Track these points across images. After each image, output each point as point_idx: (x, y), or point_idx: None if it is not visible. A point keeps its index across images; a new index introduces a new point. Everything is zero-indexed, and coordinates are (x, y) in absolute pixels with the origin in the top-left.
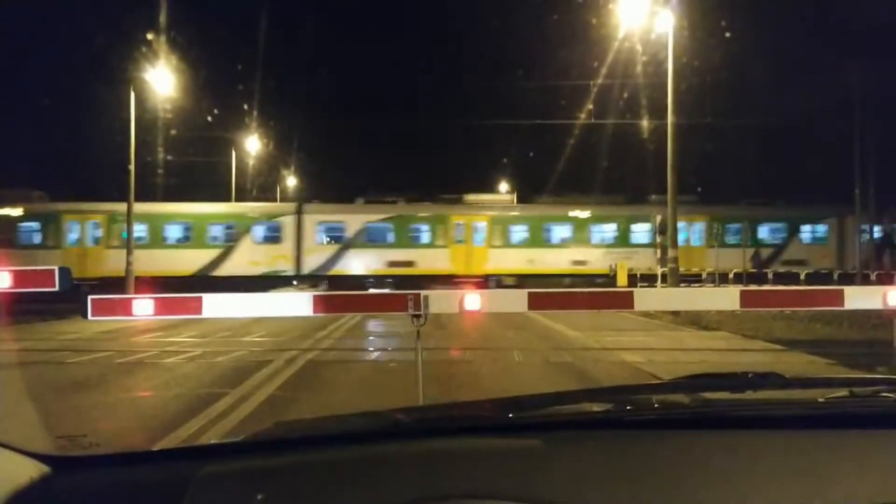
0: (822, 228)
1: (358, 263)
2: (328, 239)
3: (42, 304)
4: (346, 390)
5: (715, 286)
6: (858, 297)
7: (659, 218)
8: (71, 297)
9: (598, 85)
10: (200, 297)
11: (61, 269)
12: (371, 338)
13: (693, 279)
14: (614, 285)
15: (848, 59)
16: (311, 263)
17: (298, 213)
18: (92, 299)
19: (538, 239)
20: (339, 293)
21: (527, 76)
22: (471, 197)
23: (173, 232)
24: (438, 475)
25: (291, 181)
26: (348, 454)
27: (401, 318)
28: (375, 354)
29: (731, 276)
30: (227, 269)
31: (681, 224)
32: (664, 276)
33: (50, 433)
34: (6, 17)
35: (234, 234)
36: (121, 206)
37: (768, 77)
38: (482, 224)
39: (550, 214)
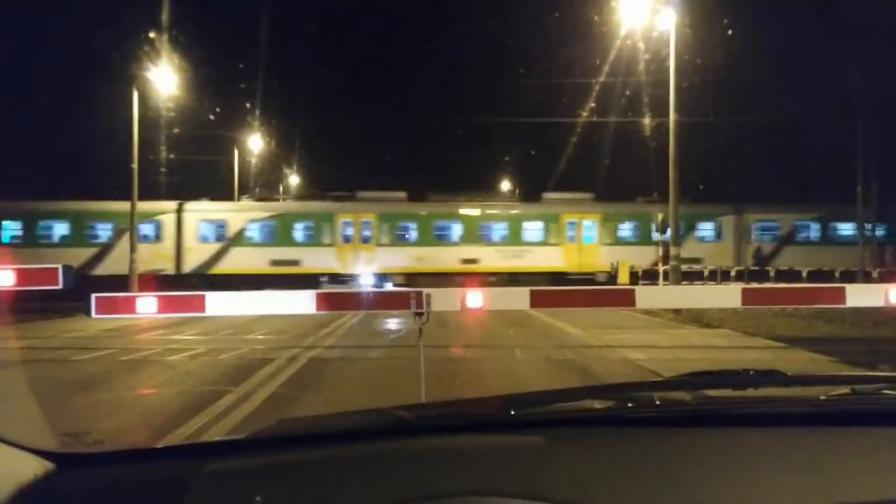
0: (717, 225)
1: (240, 262)
2: (210, 237)
3: (47, 301)
4: (349, 388)
5: (717, 284)
6: (860, 295)
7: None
8: (73, 294)
9: (601, 83)
10: (204, 296)
11: (65, 268)
12: (373, 336)
13: (587, 278)
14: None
15: (851, 56)
16: (191, 262)
17: (179, 210)
18: (96, 297)
19: (428, 237)
20: (342, 291)
21: (528, 74)
22: (363, 194)
23: (52, 230)
24: (441, 472)
25: (294, 179)
26: (351, 452)
27: (403, 316)
28: (377, 352)
29: (732, 273)
30: (105, 269)
31: (573, 221)
32: (666, 274)
33: (54, 430)
34: (7, 16)
35: (113, 233)
36: None
37: (771, 75)
38: (370, 221)
39: (440, 212)
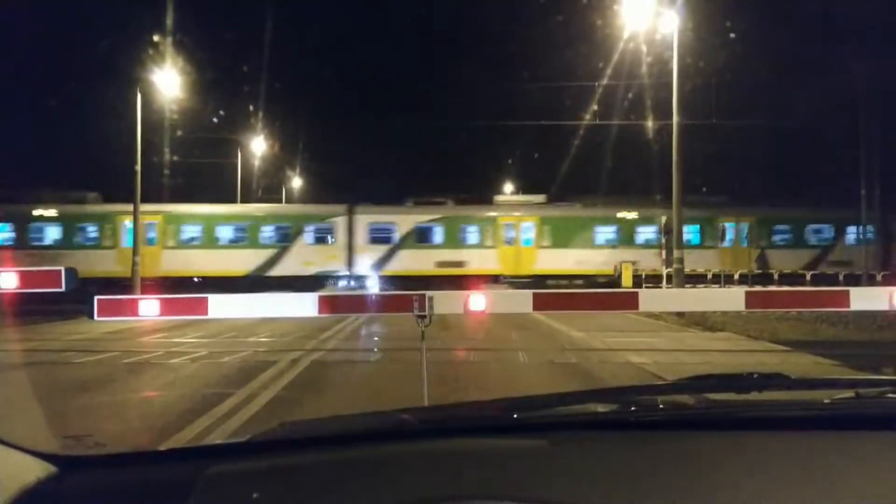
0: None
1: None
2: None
3: (49, 304)
4: (351, 391)
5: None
6: (864, 299)
7: (664, 219)
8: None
9: (604, 86)
10: (206, 298)
11: (67, 270)
12: (376, 338)
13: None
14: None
15: (854, 58)
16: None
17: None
18: (98, 300)
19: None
20: (343, 294)
21: (532, 78)
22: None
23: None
24: (443, 475)
25: (297, 182)
26: (353, 454)
27: (405, 319)
28: (380, 355)
29: (736, 276)
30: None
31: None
32: (669, 277)
33: (56, 433)
34: (12, 18)
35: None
36: None
37: (774, 77)
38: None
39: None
